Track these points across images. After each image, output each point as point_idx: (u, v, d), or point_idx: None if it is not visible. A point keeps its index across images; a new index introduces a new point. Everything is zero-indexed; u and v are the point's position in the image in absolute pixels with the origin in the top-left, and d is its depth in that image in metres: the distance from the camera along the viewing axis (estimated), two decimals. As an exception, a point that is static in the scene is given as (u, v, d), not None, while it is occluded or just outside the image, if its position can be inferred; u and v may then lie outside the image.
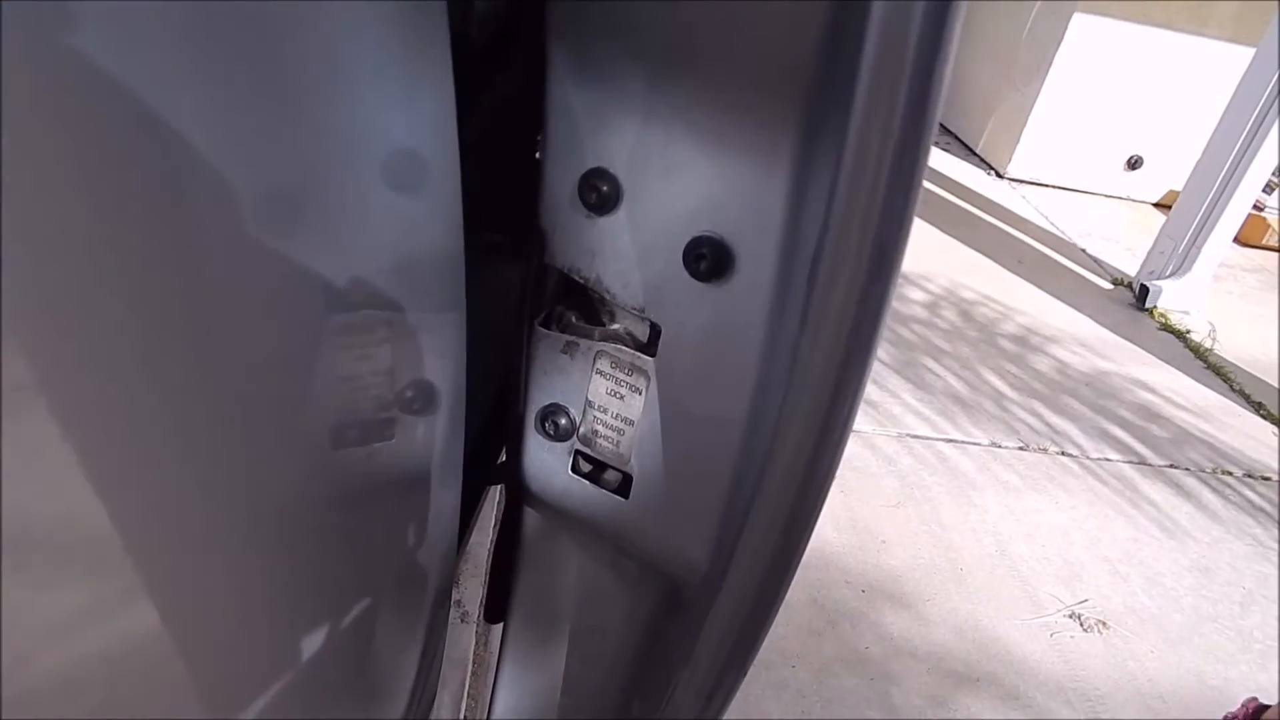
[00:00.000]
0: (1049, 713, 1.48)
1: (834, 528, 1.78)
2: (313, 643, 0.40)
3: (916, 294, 2.87)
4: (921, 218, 3.46)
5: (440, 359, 0.39)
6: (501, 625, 0.56)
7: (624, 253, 0.37)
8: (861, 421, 2.14)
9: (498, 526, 0.57)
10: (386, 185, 0.33)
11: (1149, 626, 1.70)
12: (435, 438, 0.41)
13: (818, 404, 0.30)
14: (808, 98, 0.31)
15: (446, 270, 0.38)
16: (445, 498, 0.46)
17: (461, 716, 1.24)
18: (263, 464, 0.33)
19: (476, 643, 1.35)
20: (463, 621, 1.37)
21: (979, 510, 1.92)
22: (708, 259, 0.35)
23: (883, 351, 2.48)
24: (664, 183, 0.35)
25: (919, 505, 1.90)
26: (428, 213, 0.36)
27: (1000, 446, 2.16)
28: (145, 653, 0.31)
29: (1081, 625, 1.67)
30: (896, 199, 0.29)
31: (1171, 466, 2.24)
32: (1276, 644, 1.72)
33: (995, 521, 1.90)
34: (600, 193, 0.35)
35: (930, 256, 3.17)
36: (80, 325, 0.24)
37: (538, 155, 0.37)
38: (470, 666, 1.31)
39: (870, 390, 2.28)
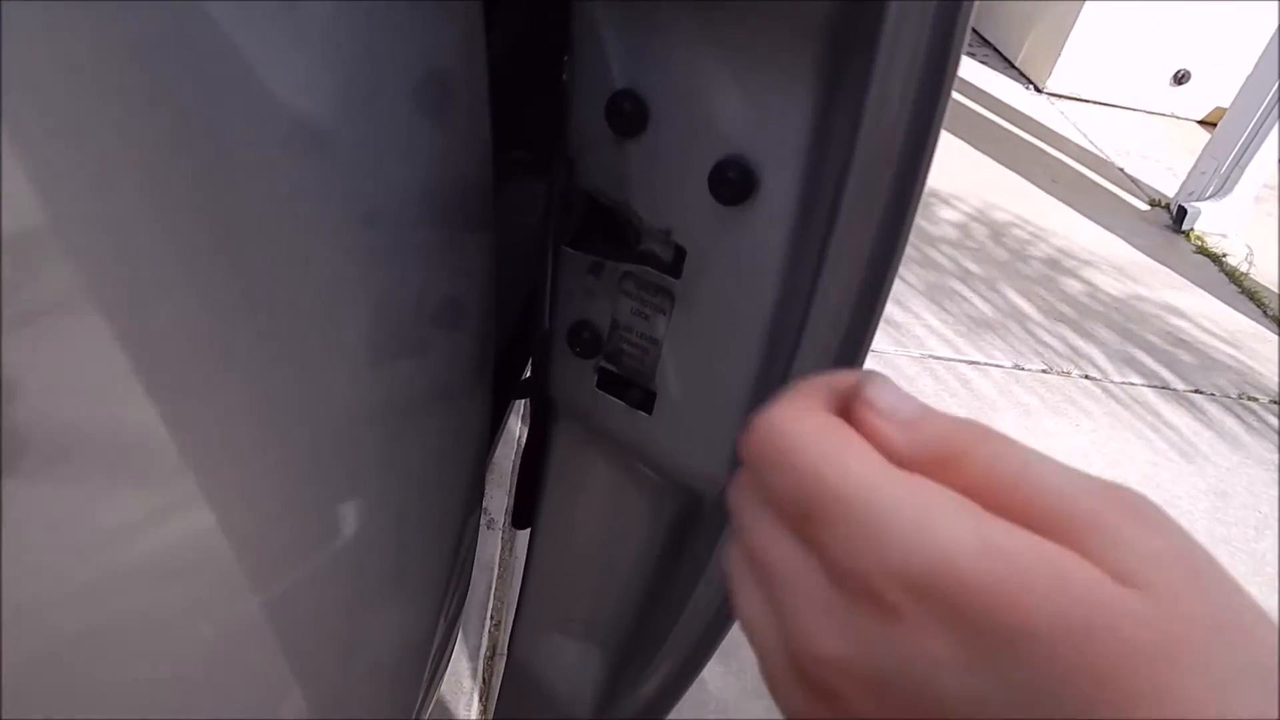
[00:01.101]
0: (1056, 627, 1.52)
1: (853, 446, 1.80)
2: (357, 542, 0.42)
3: (947, 213, 2.82)
4: (954, 134, 3.37)
5: (472, 274, 0.41)
6: (529, 531, 0.59)
7: (650, 175, 0.37)
8: (883, 342, 2.14)
9: (525, 438, 0.60)
10: (417, 105, 0.34)
11: (1161, 547, 1.72)
12: (469, 347, 0.43)
13: (838, 323, 0.31)
14: (836, 18, 0.31)
15: (476, 187, 0.39)
16: (477, 405, 0.48)
17: (488, 616, 1.30)
18: (301, 376, 0.34)
19: (502, 548, 1.41)
20: (489, 529, 1.43)
21: (998, 432, 1.94)
22: (733, 182, 0.35)
23: (909, 273, 2.46)
24: (690, 105, 0.35)
25: (938, 426, 1.91)
26: (458, 131, 0.37)
27: (1022, 369, 2.16)
28: (208, 538, 0.33)
29: (1094, 545, 1.70)
30: (921, 122, 0.29)
31: (1196, 392, 2.23)
32: (1287, 567, 1.75)
33: (1014, 443, 1.91)
34: (627, 115, 0.36)
35: (962, 175, 3.09)
36: (137, 244, 0.25)
37: (565, 78, 0.38)
38: (496, 570, 1.37)
39: (894, 311, 2.27)
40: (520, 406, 1.28)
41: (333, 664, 0.46)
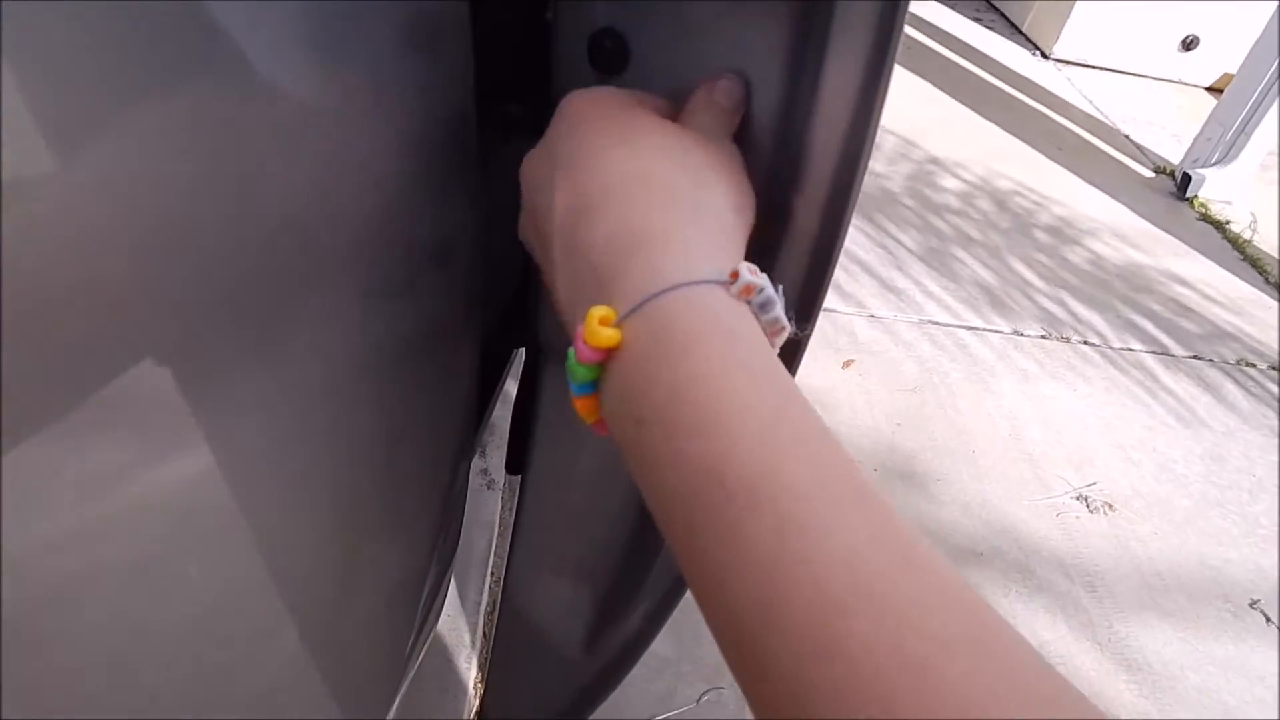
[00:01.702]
0: (1049, 586, 1.54)
1: (850, 410, 1.82)
2: (347, 475, 0.43)
3: (949, 181, 2.81)
4: (959, 100, 3.35)
5: (457, 214, 0.41)
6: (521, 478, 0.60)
7: (631, 113, 0.38)
8: (883, 308, 2.15)
9: (519, 385, 0.61)
10: (400, 42, 0.34)
11: (1155, 509, 1.74)
12: (455, 287, 0.44)
13: (805, 251, 0.33)
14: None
15: (459, 131, 0.40)
16: (463, 352, 0.49)
17: (489, 572, 1.33)
18: (284, 312, 0.34)
19: (502, 508, 1.43)
20: (489, 489, 1.45)
21: (995, 396, 1.95)
22: None
23: (910, 240, 2.46)
24: (670, 43, 0.36)
25: (936, 390, 1.93)
26: (441, 72, 0.38)
27: (1022, 335, 2.17)
28: (199, 473, 0.33)
29: (1088, 506, 1.72)
30: (876, 56, 0.30)
31: (1195, 358, 2.24)
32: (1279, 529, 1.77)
33: (1011, 407, 1.93)
34: (608, 53, 0.37)
35: (966, 142, 3.08)
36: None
37: (549, 16, 0.38)
38: (496, 529, 1.39)
39: (895, 277, 2.27)
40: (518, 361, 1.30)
41: (322, 597, 0.46)
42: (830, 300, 2.14)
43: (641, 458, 0.27)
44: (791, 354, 0.39)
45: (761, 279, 0.28)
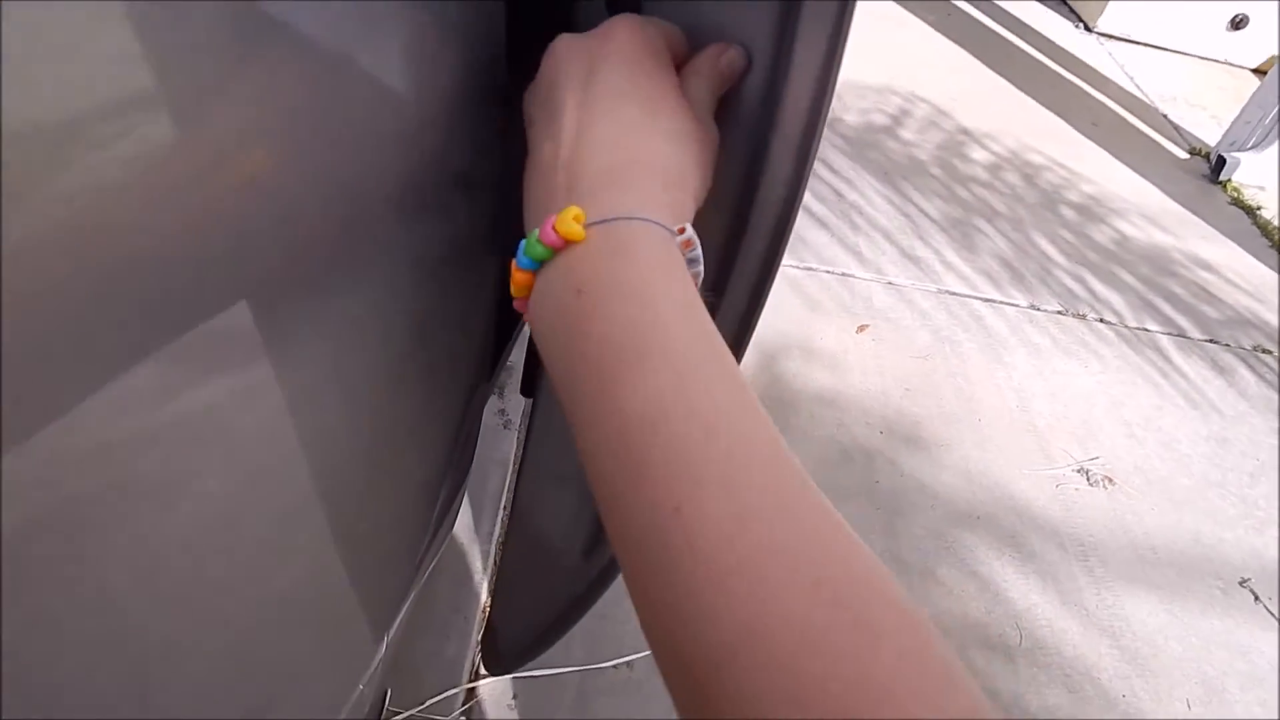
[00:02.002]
0: (1042, 554, 1.59)
1: (860, 372, 1.85)
2: (374, 376, 0.46)
3: (979, 153, 2.80)
4: (997, 71, 3.31)
5: (484, 151, 0.46)
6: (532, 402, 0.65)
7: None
8: (901, 276, 2.17)
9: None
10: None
11: (1155, 487, 1.78)
12: (477, 216, 0.49)
13: (777, 200, 0.37)
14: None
15: (490, 72, 0.44)
16: (486, 274, 0.53)
17: (502, 506, 1.39)
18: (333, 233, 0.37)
19: (517, 446, 1.49)
20: (505, 428, 1.51)
21: (1006, 368, 1.98)
22: None
23: (934, 209, 2.46)
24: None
25: (947, 359, 1.96)
26: (476, 17, 0.42)
27: (1038, 309, 2.19)
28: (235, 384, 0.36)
29: (1088, 480, 1.75)
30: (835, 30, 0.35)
31: (1211, 341, 2.25)
32: (1278, 512, 1.79)
33: (1021, 379, 1.95)
34: (623, 6, 0.41)
35: (999, 114, 3.06)
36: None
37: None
38: (511, 466, 1.46)
39: (915, 246, 2.29)
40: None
41: (350, 489, 0.48)
42: (849, 265, 2.17)
43: (571, 322, 0.33)
44: (743, 330, 0.44)
45: (697, 240, 0.36)
